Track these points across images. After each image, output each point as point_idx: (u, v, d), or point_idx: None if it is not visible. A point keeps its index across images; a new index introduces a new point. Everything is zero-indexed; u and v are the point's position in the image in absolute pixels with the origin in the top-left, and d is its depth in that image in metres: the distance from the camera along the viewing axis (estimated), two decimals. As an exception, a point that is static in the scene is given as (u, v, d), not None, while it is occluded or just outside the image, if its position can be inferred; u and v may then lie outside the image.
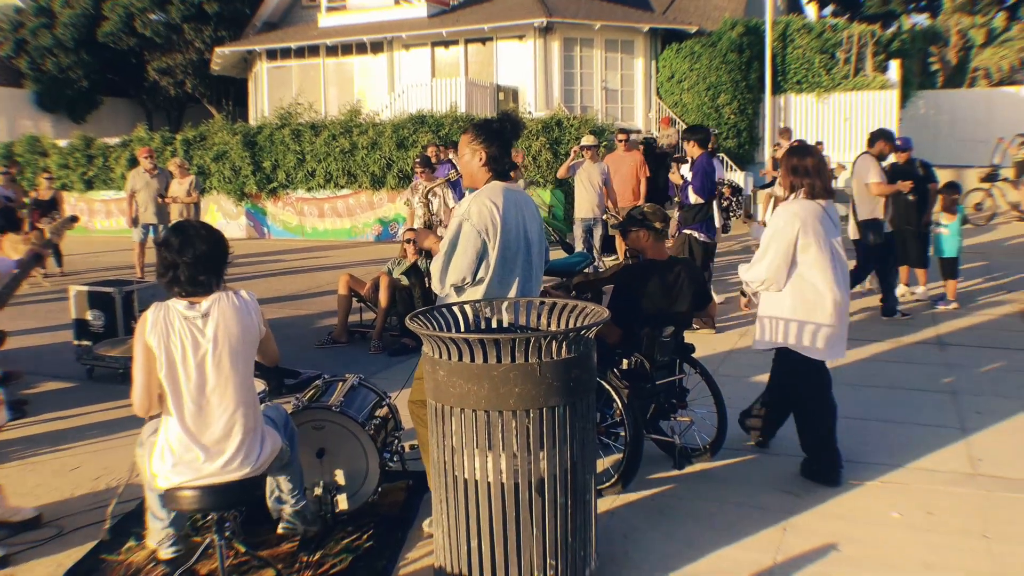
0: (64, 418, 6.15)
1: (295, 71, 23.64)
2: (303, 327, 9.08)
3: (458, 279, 3.66)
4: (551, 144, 16.29)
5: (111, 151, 20.91)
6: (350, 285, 8.25)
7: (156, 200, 12.02)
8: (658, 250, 4.76)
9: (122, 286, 7.16)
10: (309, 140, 18.29)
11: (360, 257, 14.88)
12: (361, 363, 7.37)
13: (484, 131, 3.76)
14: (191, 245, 3.30)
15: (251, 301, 3.41)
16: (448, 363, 3.12)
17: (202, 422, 3.28)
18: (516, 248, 3.70)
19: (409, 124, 17.52)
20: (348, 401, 4.28)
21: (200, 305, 3.30)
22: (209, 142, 19.48)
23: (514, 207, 3.71)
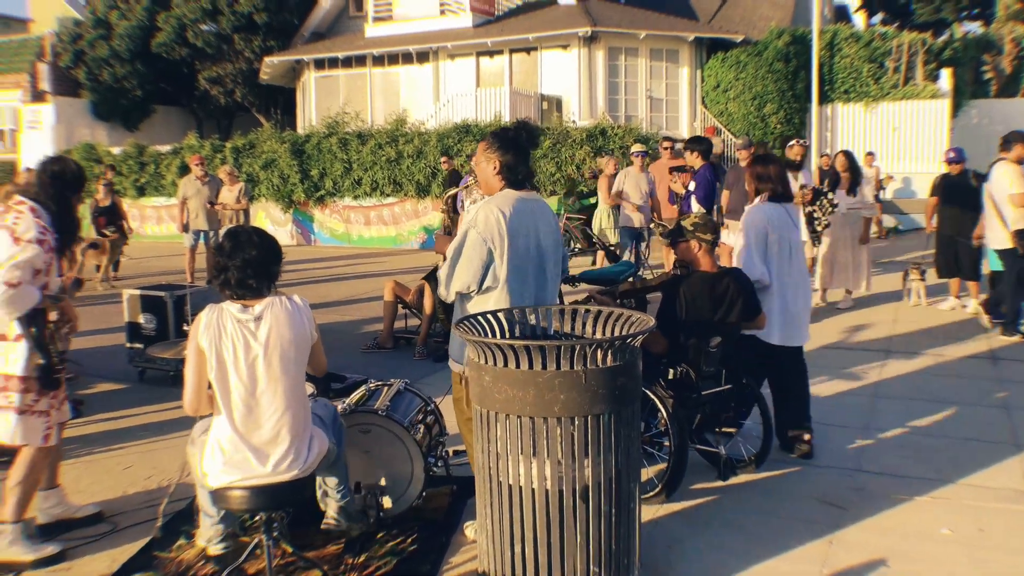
0: (117, 418, 6.28)
1: (342, 80, 23.92)
2: (349, 332, 9.17)
3: (462, 286, 3.68)
4: (596, 153, 16.27)
5: (163, 158, 21.33)
6: (395, 291, 8.31)
7: (206, 207, 12.24)
8: (708, 261, 4.74)
9: (173, 290, 7.30)
10: (356, 149, 18.49)
11: (405, 264, 15.00)
12: (406, 368, 7.41)
13: (499, 139, 3.78)
14: (242, 249, 3.37)
15: (303, 307, 3.46)
16: (494, 369, 3.14)
17: (252, 423, 3.34)
18: (526, 258, 3.70)
19: (454, 133, 17.63)
20: (394, 405, 4.32)
21: (253, 308, 3.36)
22: (258, 150, 19.78)
23: (525, 216, 3.70)
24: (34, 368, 3.93)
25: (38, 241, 3.84)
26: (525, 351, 3.04)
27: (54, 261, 4.02)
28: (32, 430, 3.98)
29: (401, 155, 17.92)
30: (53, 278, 4.06)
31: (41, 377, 3.95)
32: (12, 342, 3.96)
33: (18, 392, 3.92)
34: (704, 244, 4.72)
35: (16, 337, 3.94)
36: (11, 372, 3.94)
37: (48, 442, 4.06)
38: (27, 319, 3.89)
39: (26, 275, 3.80)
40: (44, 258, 3.87)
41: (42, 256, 3.86)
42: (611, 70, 20.93)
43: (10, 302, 3.79)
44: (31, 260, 3.81)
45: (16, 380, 3.93)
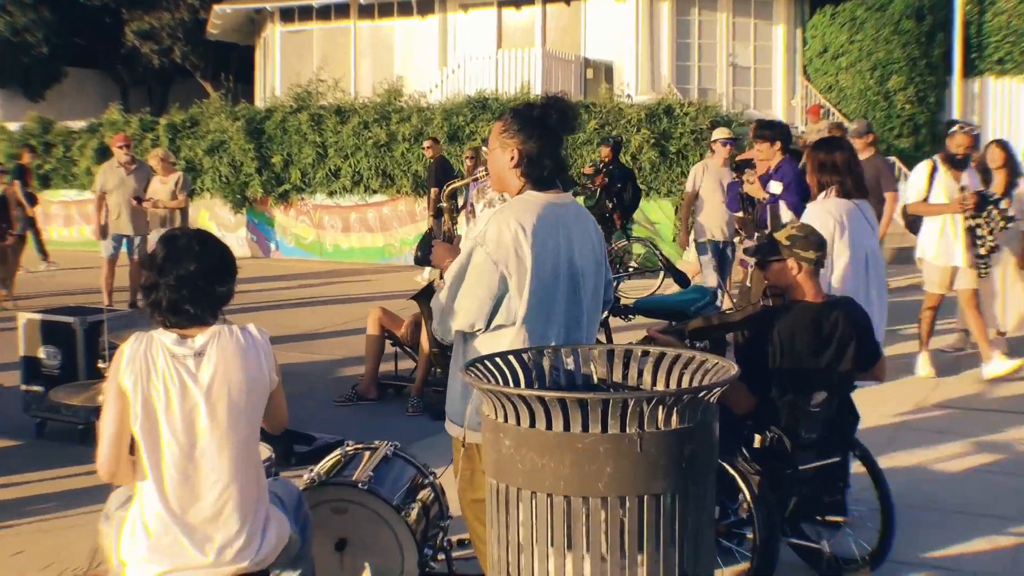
0: (6, 486, 6.31)
1: (317, 37, 24.17)
2: (319, 377, 9.20)
3: (464, 324, 3.68)
4: (657, 139, 16.33)
5: (75, 138, 21.59)
6: (383, 323, 8.34)
7: (132, 203, 12.32)
8: (812, 288, 4.73)
9: (85, 315, 7.36)
10: (333, 129, 18.65)
11: (396, 285, 15.03)
12: (395, 427, 7.41)
13: (520, 119, 3.77)
14: (180, 260, 3.39)
15: (261, 340, 3.48)
16: (516, 429, 3.13)
17: (188, 495, 3.35)
18: (553, 287, 3.70)
19: (466, 109, 17.75)
20: (379, 477, 4.33)
21: (193, 340, 3.38)
22: (202, 129, 19.98)
23: (554, 229, 3.70)
24: None
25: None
26: (559, 405, 3.04)
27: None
28: None
29: (394, 137, 18.05)
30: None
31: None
32: None
33: None
34: (806, 265, 4.71)
35: None
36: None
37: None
38: None
39: None
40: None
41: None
42: (680, 28, 21.02)
43: None
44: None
45: None
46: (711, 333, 5.37)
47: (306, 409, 7.91)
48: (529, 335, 3.68)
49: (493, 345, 3.66)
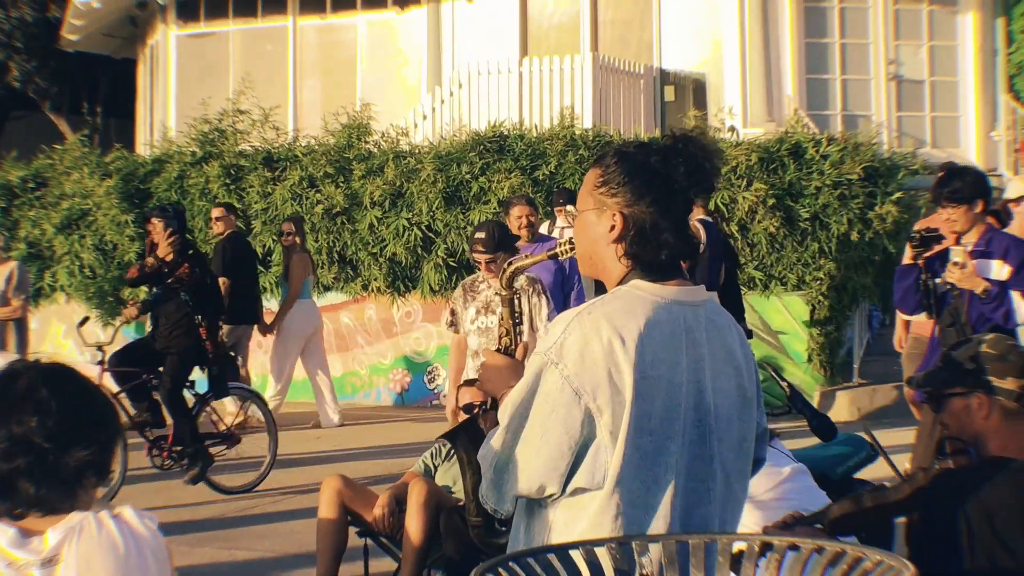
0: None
1: (236, 43, 24.49)
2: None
3: (530, 485, 3.65)
4: (779, 198, 16.40)
5: None
6: (343, 500, 8.34)
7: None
8: (1016, 437, 4.73)
9: None
10: (260, 187, 18.81)
11: (365, 440, 15.09)
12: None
13: (630, 166, 3.76)
14: (15, 413, 3.41)
15: (147, 535, 3.47)
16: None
17: None
18: (668, 432, 3.68)
19: (473, 154, 17.86)
20: None
21: (43, 539, 3.39)
22: (53, 192, 20.19)
23: (675, 342, 3.69)
24: None
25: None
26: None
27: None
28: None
29: (357, 201, 18.17)
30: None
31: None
32: None
33: None
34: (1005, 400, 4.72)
35: None
36: None
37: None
38: None
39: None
40: None
41: None
42: (811, 21, 21.18)
43: None
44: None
45: None
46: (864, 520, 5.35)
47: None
48: (625, 506, 3.66)
49: (571, 518, 3.66)
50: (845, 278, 15.96)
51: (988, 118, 21.43)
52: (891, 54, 21.35)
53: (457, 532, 7.97)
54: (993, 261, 8.09)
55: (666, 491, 3.68)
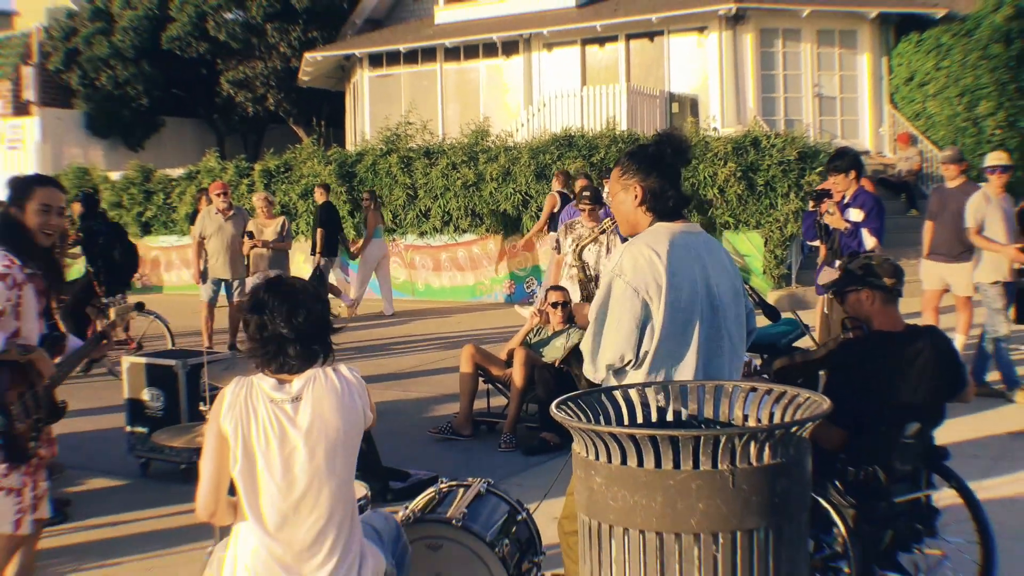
0: (113, 524, 6.49)
1: (405, 81, 24.47)
2: (413, 415, 9.29)
3: (615, 357, 3.68)
4: (744, 172, 16.21)
5: (174, 185, 22.11)
6: (476, 360, 8.38)
7: (230, 249, 12.64)
8: (890, 317, 4.66)
9: (186, 358, 7.53)
10: (422, 170, 18.85)
11: (488, 323, 15.17)
12: (487, 463, 7.46)
13: (637, 160, 3.84)
14: (285, 308, 3.45)
15: (355, 381, 3.52)
16: (607, 467, 3.12)
17: (286, 534, 3.40)
18: (691, 312, 3.69)
19: (552, 147, 17.81)
20: (472, 513, 4.35)
21: (291, 385, 3.45)
22: (295, 173, 20.34)
23: (688, 255, 3.73)
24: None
25: (1, 275, 4.21)
26: (651, 443, 3.03)
27: (29, 304, 4.33)
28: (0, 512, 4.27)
29: (482, 177, 18.18)
30: (29, 325, 4.36)
31: (4, 446, 4.22)
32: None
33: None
34: (881, 293, 4.65)
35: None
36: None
37: (20, 528, 4.32)
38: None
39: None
40: (7, 296, 4.21)
41: (4, 293, 4.20)
42: (764, 59, 20.89)
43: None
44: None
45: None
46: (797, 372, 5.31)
47: (402, 446, 7.99)
48: (666, 359, 3.70)
49: (637, 378, 3.70)
50: (785, 221, 15.75)
51: (877, 120, 21.09)
52: (815, 80, 21.03)
53: (545, 381, 7.99)
54: (853, 209, 8.13)
55: (693, 349, 3.74)
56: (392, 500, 6.45)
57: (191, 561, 5.51)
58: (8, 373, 4.25)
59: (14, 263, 4.27)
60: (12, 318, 4.27)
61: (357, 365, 3.62)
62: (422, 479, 6.87)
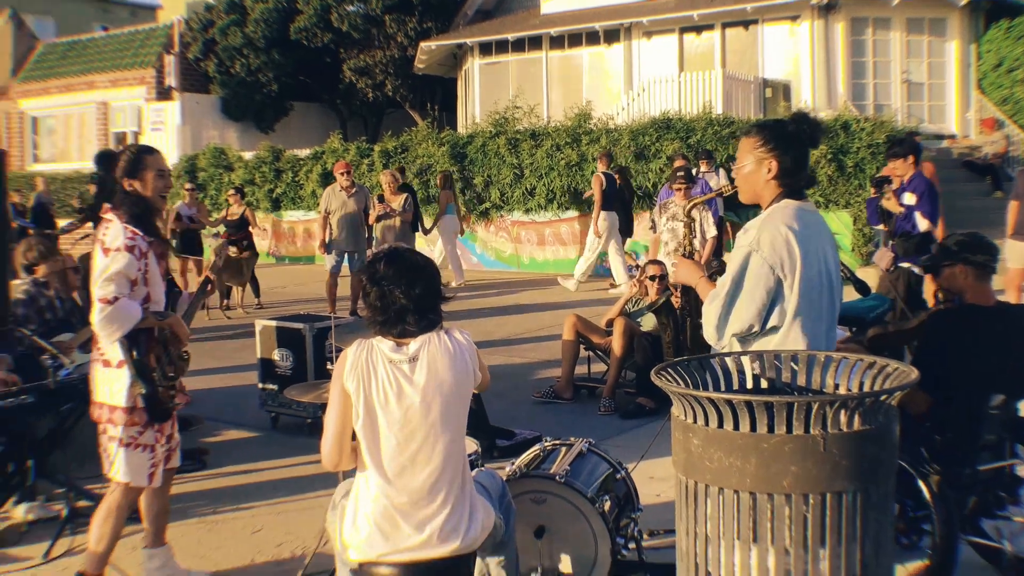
0: (246, 472, 6.66)
1: (512, 68, 24.46)
2: (519, 378, 9.33)
3: (742, 327, 3.65)
4: (834, 154, 15.86)
5: (301, 164, 22.46)
6: (577, 329, 8.38)
7: (353, 223, 12.83)
8: (982, 292, 4.54)
9: (313, 322, 7.67)
10: (528, 151, 18.83)
11: (588, 295, 15.12)
12: (587, 425, 7.47)
13: (776, 135, 3.75)
14: (403, 277, 3.50)
15: (466, 343, 3.57)
16: (704, 430, 3.11)
17: (404, 485, 3.45)
18: (818, 285, 3.66)
19: (651, 129, 17.65)
20: (575, 470, 4.36)
21: (407, 347, 3.49)
22: (412, 154, 20.49)
23: (814, 232, 3.69)
24: (137, 398, 4.33)
25: (127, 248, 4.28)
26: (746, 408, 3.00)
27: (154, 270, 4.43)
28: (136, 467, 4.42)
29: (584, 158, 18.09)
30: (157, 290, 4.47)
31: (148, 408, 4.35)
32: (116, 369, 4.37)
33: (122, 424, 4.36)
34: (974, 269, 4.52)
35: (119, 363, 4.35)
36: (115, 403, 4.37)
37: (153, 482, 4.49)
38: (128, 341, 4.29)
39: (121, 287, 4.25)
40: (137, 266, 4.31)
41: (134, 264, 4.30)
42: (855, 47, 20.41)
43: (109, 320, 4.23)
44: (123, 271, 4.25)
45: (120, 412, 4.36)
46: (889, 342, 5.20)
47: (507, 407, 8.04)
48: (801, 332, 3.67)
49: (766, 344, 3.69)
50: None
51: (964, 105, 20.48)
52: (904, 67, 20.47)
53: (643, 348, 7.95)
54: (907, 193, 8.00)
55: (822, 321, 3.73)
56: (499, 457, 6.50)
57: (317, 507, 5.63)
58: (147, 339, 4.35)
59: (137, 234, 4.33)
60: (142, 286, 4.36)
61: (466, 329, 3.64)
62: (527, 438, 6.92)
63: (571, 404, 8.26)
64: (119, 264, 4.25)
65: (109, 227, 4.36)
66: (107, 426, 4.40)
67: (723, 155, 16.31)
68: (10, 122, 31.91)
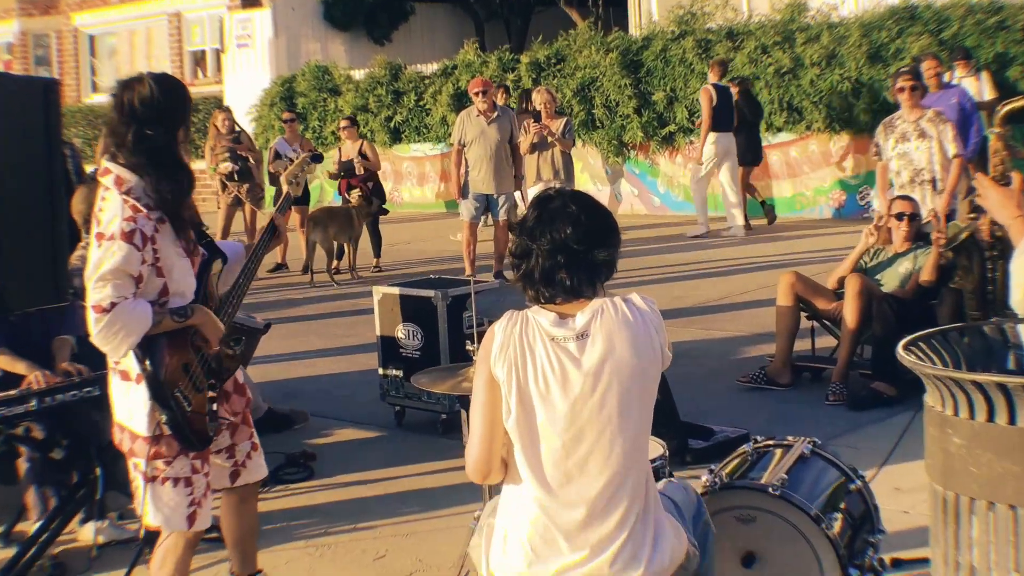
0: (364, 482, 6.81)
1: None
2: (719, 357, 9.32)
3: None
4: None
5: (427, 84, 22.69)
6: (797, 291, 8.26)
7: (495, 158, 12.83)
8: None
9: (447, 288, 7.74)
10: (724, 55, 18.59)
11: (812, 244, 14.95)
12: (812, 419, 7.40)
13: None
14: (556, 224, 3.49)
15: (650, 312, 3.53)
16: (969, 424, 3.06)
17: (570, 500, 3.46)
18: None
19: (889, 22, 17.27)
20: (794, 480, 4.33)
21: (574, 320, 3.49)
22: (569, 65, 20.48)
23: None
24: (159, 424, 4.19)
25: (126, 234, 4.09)
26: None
27: (169, 252, 4.25)
28: (169, 507, 4.32)
29: (800, 62, 17.81)
30: (178, 275, 4.32)
31: (176, 436, 4.21)
32: (134, 384, 4.25)
33: (143, 457, 4.25)
34: None
35: (138, 376, 4.23)
36: (135, 430, 4.26)
37: (195, 524, 4.37)
38: (140, 349, 4.16)
39: (121, 288, 4.08)
40: (140, 257, 4.11)
41: (135, 257, 4.10)
42: None
43: (109, 333, 4.09)
44: (120, 267, 4.08)
45: (141, 442, 4.24)
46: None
47: (703, 396, 8.02)
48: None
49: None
50: None
51: None
52: None
53: (884, 316, 7.79)
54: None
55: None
56: (692, 462, 6.49)
57: (456, 527, 5.70)
58: (166, 347, 4.22)
59: (139, 211, 4.14)
60: (154, 277, 4.21)
61: (646, 295, 3.61)
62: (729, 437, 6.87)
63: (788, 391, 8.19)
64: (115, 259, 4.07)
65: (106, 197, 4.21)
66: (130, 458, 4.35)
67: (987, 54, 15.81)
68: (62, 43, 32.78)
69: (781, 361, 8.32)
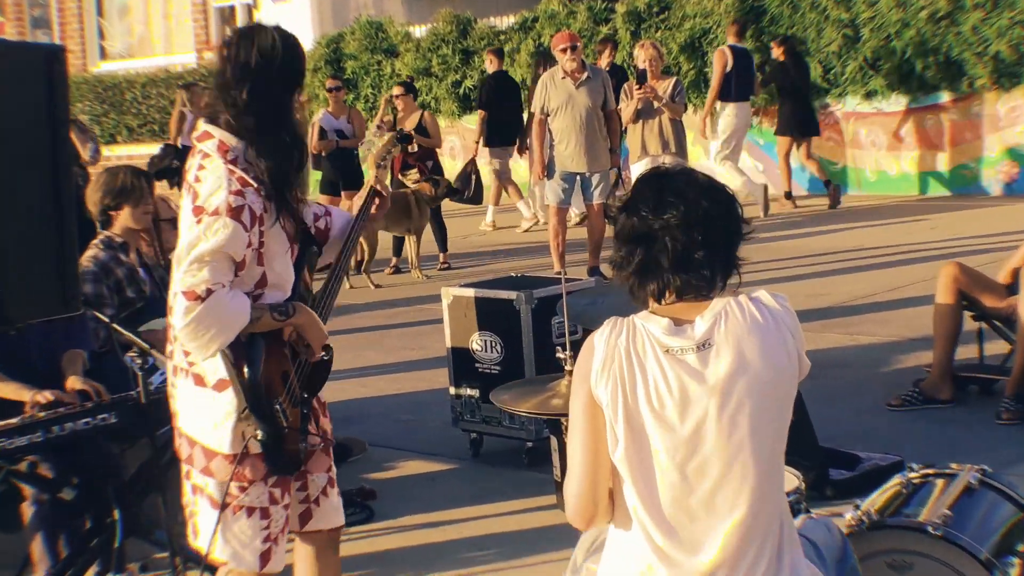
0: (434, 525, 6.84)
1: None
2: (865, 368, 9.30)
3: None
4: None
5: (503, 40, 22.66)
6: (960, 286, 8.18)
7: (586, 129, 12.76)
8: None
9: (531, 289, 7.74)
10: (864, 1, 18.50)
11: (977, 227, 14.85)
12: (980, 443, 7.36)
13: None
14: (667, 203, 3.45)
15: (783, 312, 3.48)
16: None
17: (693, 543, 3.44)
18: None
19: None
20: (960, 517, 4.31)
21: (692, 327, 3.43)
22: (675, 15, 20.42)
23: None
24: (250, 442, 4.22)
25: (234, 210, 4.13)
26: None
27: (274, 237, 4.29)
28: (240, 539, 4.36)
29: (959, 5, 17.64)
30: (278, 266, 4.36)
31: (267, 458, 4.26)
32: (213, 391, 4.27)
33: (220, 478, 4.27)
34: None
35: (219, 383, 4.25)
36: (212, 446, 4.28)
37: (267, 564, 4.39)
38: (234, 351, 4.19)
39: (219, 274, 4.10)
40: (246, 239, 4.16)
41: (242, 237, 4.14)
42: None
43: (200, 326, 4.08)
44: (224, 246, 4.11)
45: (220, 459, 4.27)
46: None
47: (848, 416, 8.00)
48: None
49: None
50: None
51: None
52: None
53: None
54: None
55: None
56: (833, 497, 6.47)
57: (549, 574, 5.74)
58: (265, 351, 4.25)
59: (249, 183, 4.19)
60: (255, 265, 4.24)
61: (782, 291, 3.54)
62: (879, 465, 6.84)
63: (951, 408, 8.14)
64: (218, 237, 4.09)
65: (205, 165, 4.23)
66: (193, 470, 4.35)
67: None
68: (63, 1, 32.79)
69: (941, 372, 8.25)
